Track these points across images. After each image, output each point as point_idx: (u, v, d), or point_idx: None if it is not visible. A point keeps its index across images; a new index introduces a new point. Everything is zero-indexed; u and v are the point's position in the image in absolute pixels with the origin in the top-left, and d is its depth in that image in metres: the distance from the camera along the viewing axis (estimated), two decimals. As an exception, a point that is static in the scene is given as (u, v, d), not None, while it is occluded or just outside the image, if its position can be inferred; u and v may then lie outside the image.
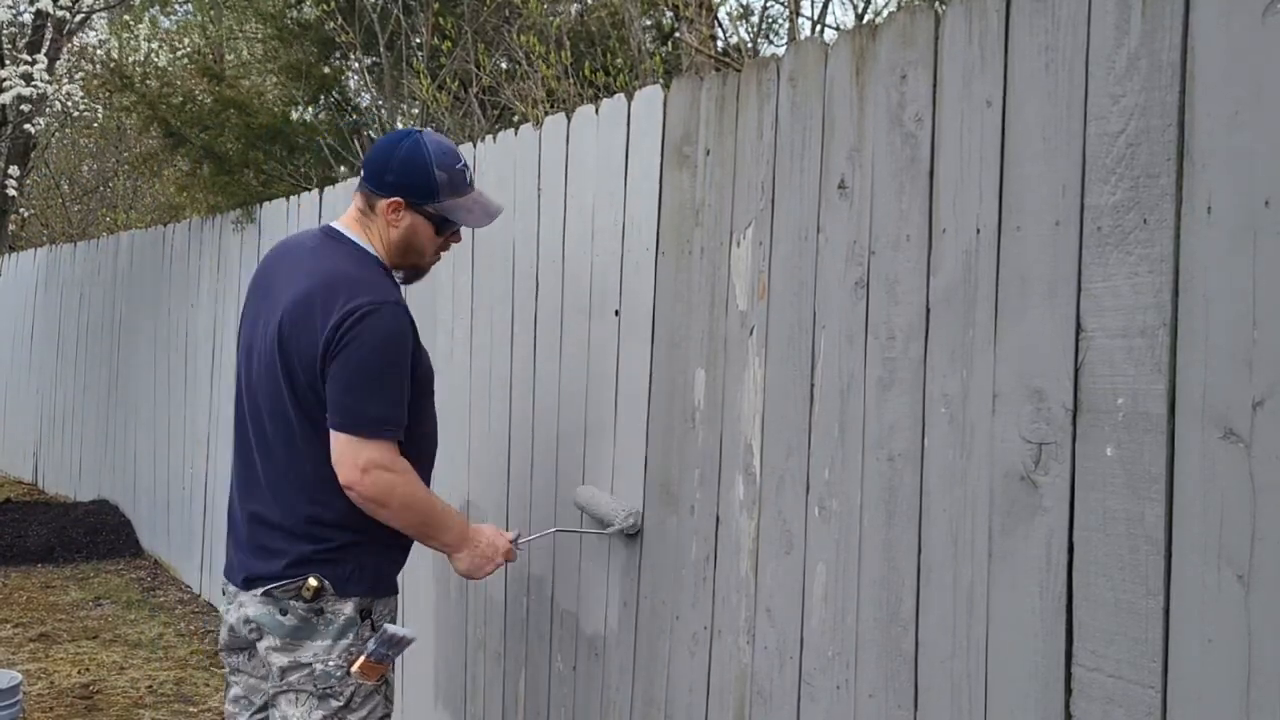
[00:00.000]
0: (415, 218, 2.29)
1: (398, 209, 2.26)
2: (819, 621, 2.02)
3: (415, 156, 2.26)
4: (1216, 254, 1.42)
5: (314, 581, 2.18)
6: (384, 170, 2.27)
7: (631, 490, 2.54)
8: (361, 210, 2.30)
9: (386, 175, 2.26)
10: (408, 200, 2.26)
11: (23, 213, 12.40)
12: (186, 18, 12.38)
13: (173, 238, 6.26)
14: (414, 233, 2.30)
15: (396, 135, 2.31)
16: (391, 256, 2.31)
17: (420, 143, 2.27)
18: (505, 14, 6.26)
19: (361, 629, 2.22)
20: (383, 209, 2.27)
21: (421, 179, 2.26)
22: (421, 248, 2.33)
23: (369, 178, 2.29)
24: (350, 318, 2.10)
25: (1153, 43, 1.50)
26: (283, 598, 2.20)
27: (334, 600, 2.20)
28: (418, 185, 2.26)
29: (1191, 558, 1.44)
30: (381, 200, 2.27)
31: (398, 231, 2.28)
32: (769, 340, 2.16)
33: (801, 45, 2.14)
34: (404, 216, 2.27)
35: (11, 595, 5.62)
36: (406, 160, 2.26)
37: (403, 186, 2.26)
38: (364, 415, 2.13)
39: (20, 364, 8.84)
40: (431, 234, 2.33)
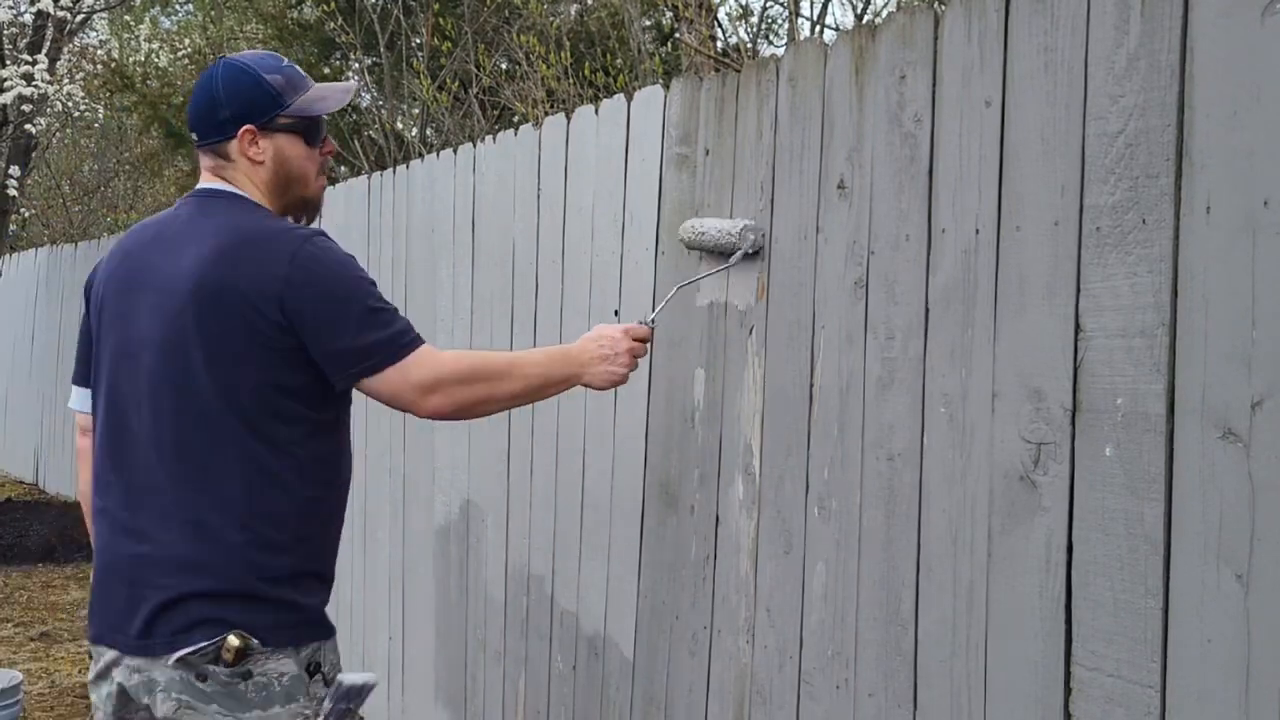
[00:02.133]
0: (276, 139, 1.93)
1: (252, 139, 1.91)
2: (818, 621, 2.02)
3: (237, 76, 1.91)
4: (1216, 254, 1.42)
5: (235, 640, 1.73)
6: (213, 110, 1.90)
7: (632, 490, 2.54)
8: (214, 167, 1.93)
9: (220, 112, 1.90)
10: (258, 124, 1.91)
11: (23, 213, 12.41)
12: (187, 18, 12.39)
13: (173, 238, 6.25)
14: (284, 158, 1.94)
15: (203, 75, 1.96)
16: (272, 199, 1.95)
17: (231, 63, 1.93)
18: (505, 14, 6.27)
19: (312, 685, 1.81)
20: (237, 149, 1.91)
21: (257, 92, 1.91)
22: (301, 171, 1.97)
23: (204, 131, 1.93)
24: (293, 264, 1.79)
25: (1152, 43, 1.50)
26: (198, 663, 1.75)
27: (265, 658, 1.76)
28: (257, 100, 1.91)
29: (1191, 558, 1.44)
30: (230, 142, 1.91)
31: (265, 166, 1.92)
32: (769, 340, 2.16)
33: (801, 45, 2.14)
34: (264, 145, 1.92)
35: (12, 595, 5.62)
36: (230, 85, 1.90)
37: (243, 112, 1.90)
38: (385, 341, 1.82)
39: (21, 364, 8.85)
40: (303, 149, 1.97)
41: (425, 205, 3.54)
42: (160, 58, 10.84)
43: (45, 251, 8.79)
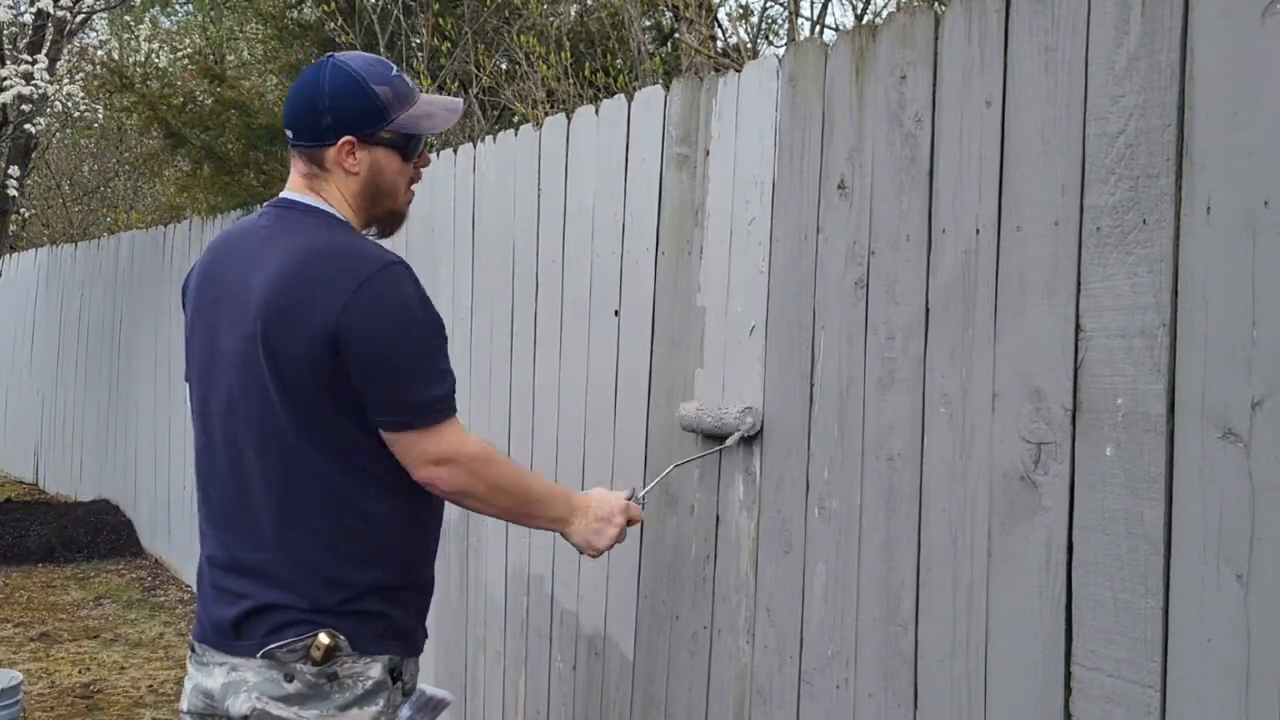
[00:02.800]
0: (374, 152, 1.88)
1: (351, 149, 1.85)
2: (818, 621, 2.02)
3: (345, 83, 1.84)
4: (1216, 254, 1.42)
5: (325, 639, 1.75)
6: (315, 114, 1.84)
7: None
8: (307, 174, 1.89)
9: (323, 118, 1.84)
10: (359, 135, 1.86)
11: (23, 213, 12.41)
12: (187, 18, 12.39)
13: (173, 238, 6.26)
14: (378, 171, 1.89)
15: (309, 72, 1.88)
16: (359, 212, 1.91)
17: (341, 65, 1.86)
18: (505, 15, 6.27)
19: (393, 693, 1.82)
20: (334, 158, 1.86)
21: (364, 102, 1.85)
22: (393, 186, 1.93)
23: (302, 133, 1.87)
24: (357, 295, 1.72)
25: (1152, 43, 1.50)
26: (288, 660, 1.76)
27: (352, 660, 1.78)
28: (363, 111, 1.85)
29: (1190, 557, 1.44)
30: (328, 149, 1.85)
31: (359, 178, 1.88)
32: (769, 340, 2.16)
33: (801, 46, 2.14)
34: (361, 156, 1.87)
35: (12, 595, 5.62)
36: (336, 91, 1.84)
37: (347, 121, 1.84)
38: (416, 404, 1.77)
39: (21, 364, 8.85)
40: (399, 164, 1.92)
41: (425, 205, 3.54)
42: (160, 58, 10.84)
43: (45, 251, 8.80)
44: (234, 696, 1.77)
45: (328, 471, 1.78)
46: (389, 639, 1.82)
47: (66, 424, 7.81)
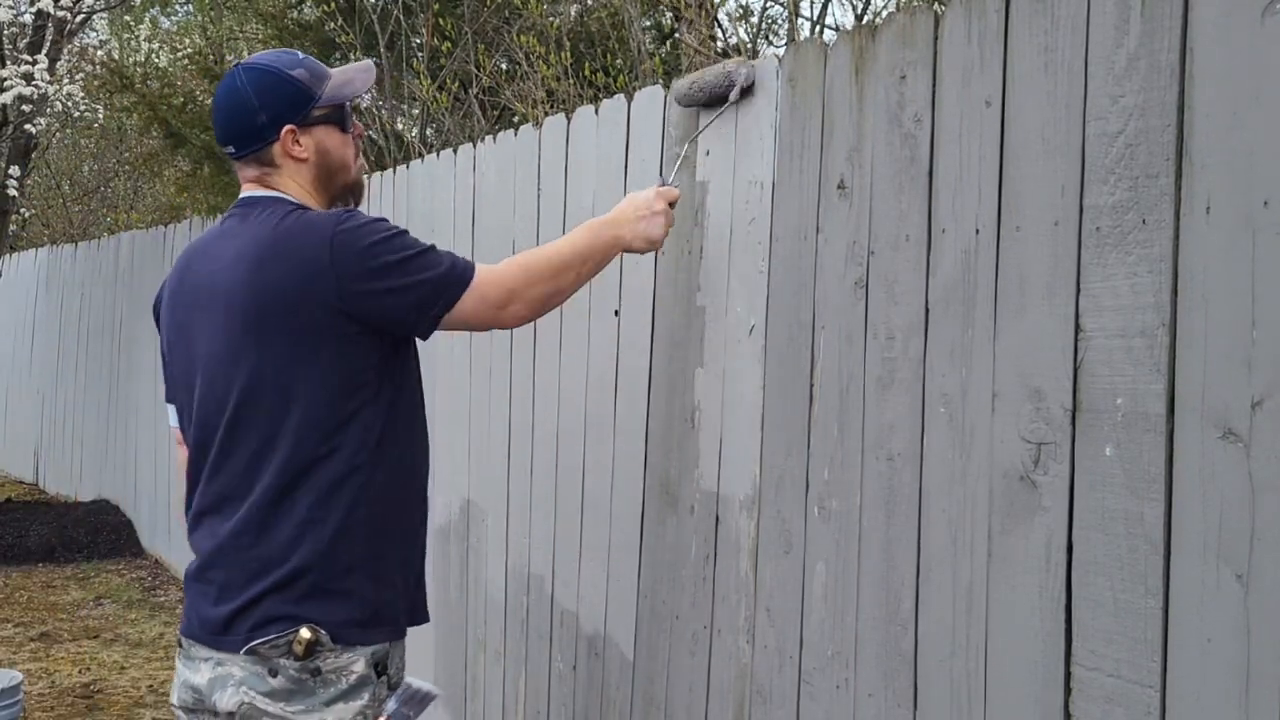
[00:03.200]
0: (315, 133, 1.95)
1: (294, 137, 1.93)
2: (818, 621, 2.02)
3: (263, 78, 1.92)
4: (1215, 254, 1.42)
5: (306, 633, 1.75)
6: (249, 117, 1.91)
7: (632, 490, 2.54)
8: (258, 176, 1.95)
9: (257, 118, 1.91)
10: (296, 121, 1.93)
11: (24, 213, 12.41)
12: (187, 18, 12.39)
13: (173, 238, 6.26)
14: (325, 149, 1.97)
15: (224, 86, 1.95)
16: (319, 194, 1.98)
17: (253, 67, 1.94)
18: (505, 15, 6.27)
19: (378, 687, 1.82)
20: (280, 152, 1.93)
21: (289, 90, 1.92)
22: (342, 159, 2.00)
23: (242, 140, 1.93)
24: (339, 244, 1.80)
25: (1152, 43, 1.50)
26: (271, 655, 1.76)
27: (334, 655, 1.78)
28: (291, 98, 1.93)
29: (1190, 557, 1.44)
30: (272, 146, 1.93)
31: (309, 162, 1.96)
32: (769, 340, 2.16)
33: (801, 46, 2.14)
34: (305, 141, 1.94)
35: (12, 595, 5.62)
36: (260, 89, 1.91)
37: (281, 113, 1.92)
38: (448, 275, 1.86)
39: (21, 364, 8.85)
40: (339, 136, 1.99)
41: (425, 205, 3.54)
42: (160, 58, 10.84)
43: (45, 251, 8.80)
44: (221, 691, 1.79)
45: (306, 447, 1.80)
46: (372, 626, 1.82)
47: (66, 424, 7.81)
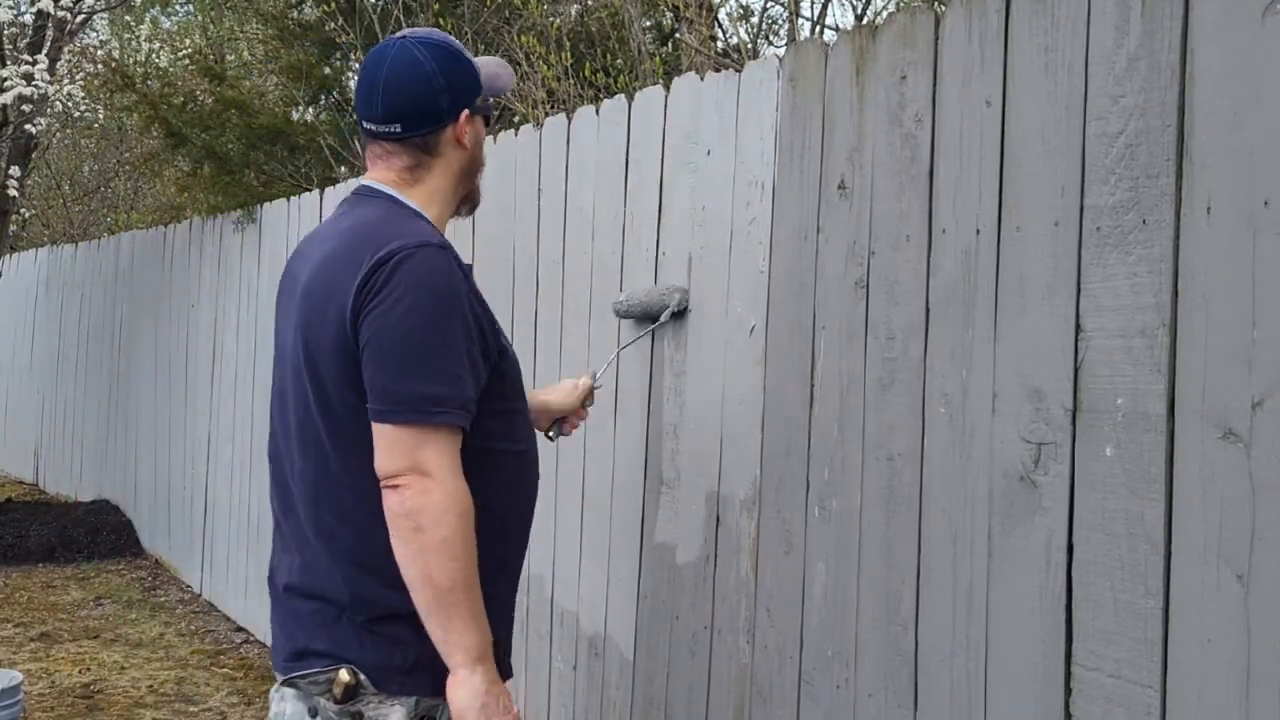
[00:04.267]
0: (475, 121, 1.76)
1: (466, 121, 1.73)
2: (819, 621, 2.02)
3: (447, 56, 1.71)
4: (1216, 254, 1.42)
5: (345, 676, 1.58)
6: (433, 95, 1.69)
7: (632, 491, 2.54)
8: (411, 166, 1.72)
9: (440, 99, 1.69)
10: (471, 107, 1.73)
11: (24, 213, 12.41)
12: (187, 18, 12.40)
13: (173, 238, 6.27)
14: (478, 141, 1.78)
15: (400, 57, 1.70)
16: (457, 189, 1.77)
17: (431, 41, 1.72)
18: (505, 15, 6.27)
19: None
20: (451, 136, 1.72)
21: (468, 71, 1.73)
22: (483, 155, 1.82)
23: (415, 119, 1.69)
24: (379, 271, 1.55)
25: (1152, 43, 1.50)
26: (311, 691, 1.62)
27: (378, 701, 1.59)
28: (470, 80, 1.73)
29: (1191, 557, 1.44)
30: (445, 130, 1.71)
31: (468, 152, 1.75)
32: (769, 340, 2.16)
33: (801, 46, 2.14)
34: (471, 127, 1.74)
35: (13, 595, 5.62)
36: (444, 66, 1.70)
37: (460, 95, 1.71)
38: (405, 394, 1.53)
39: (21, 364, 8.85)
40: (483, 131, 1.80)
41: (425, 205, 3.54)
42: (160, 58, 10.84)
43: (45, 252, 8.80)
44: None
45: (357, 477, 1.59)
46: (417, 674, 1.60)
47: (66, 424, 7.81)
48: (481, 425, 1.62)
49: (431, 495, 1.52)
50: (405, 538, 1.52)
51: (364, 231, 1.63)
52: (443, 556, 1.51)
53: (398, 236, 1.60)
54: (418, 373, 1.54)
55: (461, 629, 1.54)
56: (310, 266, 1.67)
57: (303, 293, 1.65)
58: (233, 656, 4.65)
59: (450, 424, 1.54)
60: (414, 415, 1.53)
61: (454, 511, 1.52)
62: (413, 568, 1.53)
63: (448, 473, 1.53)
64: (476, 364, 1.60)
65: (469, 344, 1.59)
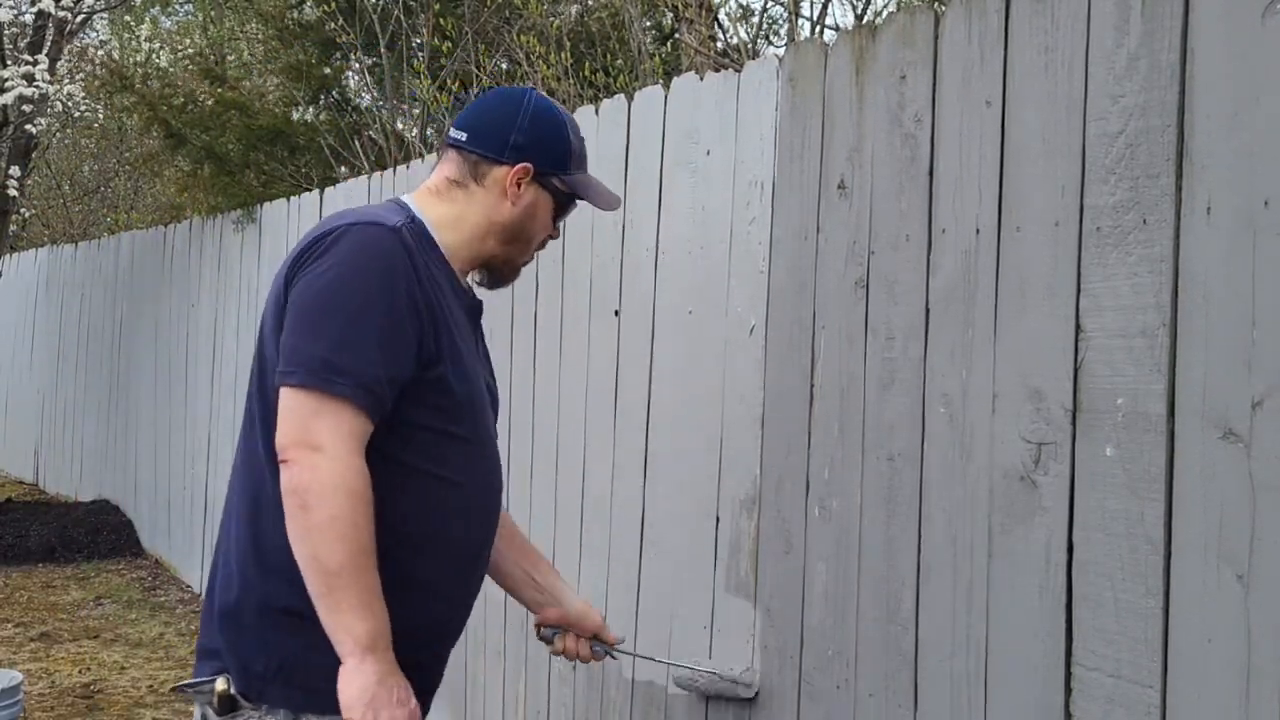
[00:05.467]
0: (540, 193, 1.74)
1: (523, 178, 1.71)
2: (819, 621, 2.02)
3: (550, 115, 1.75)
4: (1216, 254, 1.42)
5: (220, 684, 1.50)
6: (508, 128, 1.71)
7: (632, 490, 2.54)
8: (454, 180, 1.72)
9: (513, 136, 1.70)
10: (539, 168, 1.72)
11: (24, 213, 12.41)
12: (187, 18, 12.39)
13: (173, 238, 6.27)
14: (533, 213, 1.74)
15: (510, 91, 1.79)
16: (485, 240, 1.73)
17: (548, 103, 1.77)
18: (505, 15, 6.27)
19: None
20: (502, 178, 1.70)
21: (559, 144, 1.74)
22: (532, 234, 1.77)
23: (482, 139, 1.71)
24: (319, 243, 1.55)
25: (1152, 43, 1.50)
26: (201, 702, 1.57)
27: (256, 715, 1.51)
28: (553, 151, 1.74)
29: (1191, 557, 1.44)
30: (502, 167, 1.70)
31: (516, 209, 1.72)
32: (769, 340, 2.16)
33: (801, 46, 2.14)
34: (526, 191, 1.72)
35: (13, 595, 5.62)
36: (540, 118, 1.73)
37: (535, 152, 1.71)
38: (309, 356, 1.47)
39: (21, 364, 8.85)
40: (550, 214, 1.78)
41: (425, 205, 3.53)
42: (160, 58, 10.83)
43: (45, 252, 8.80)
44: None
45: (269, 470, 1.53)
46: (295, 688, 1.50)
47: (66, 424, 7.80)
48: (407, 437, 1.56)
49: (319, 471, 1.43)
50: (293, 514, 1.45)
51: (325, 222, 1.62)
52: (329, 536, 1.43)
53: (352, 216, 1.59)
54: (325, 337, 1.49)
55: (350, 614, 1.44)
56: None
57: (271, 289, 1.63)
58: (233, 656, 4.65)
59: (349, 399, 1.46)
60: (311, 378, 1.46)
61: (344, 489, 1.43)
62: (301, 548, 1.45)
63: (340, 448, 1.45)
64: (398, 353, 1.52)
65: (393, 328, 1.52)
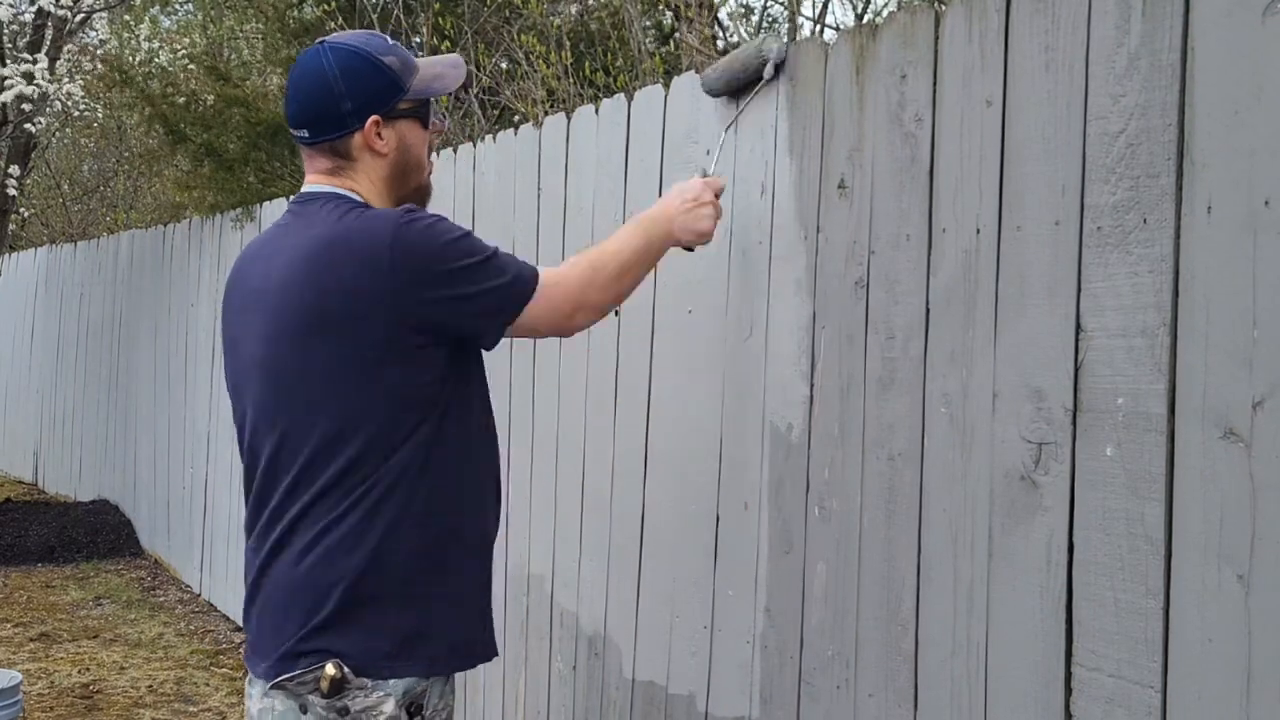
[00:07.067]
0: (398, 127, 1.79)
1: (378, 129, 1.76)
2: (819, 621, 2.02)
3: (353, 62, 1.74)
4: (1216, 254, 1.42)
5: (330, 670, 1.60)
6: (333, 102, 1.74)
7: (632, 490, 2.54)
8: (330, 168, 1.78)
9: (341, 105, 1.74)
10: (383, 112, 1.76)
11: (23, 213, 12.41)
12: (187, 17, 12.39)
13: (173, 237, 6.26)
14: (405, 146, 1.81)
15: (306, 64, 1.77)
16: (390, 193, 1.82)
17: (341, 48, 1.76)
18: (505, 14, 6.27)
19: None
20: (360, 143, 1.76)
21: (379, 76, 1.76)
22: (419, 158, 1.85)
23: (320, 127, 1.76)
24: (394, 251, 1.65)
25: (1153, 42, 1.50)
26: (300, 691, 1.64)
27: (364, 693, 1.62)
28: (380, 87, 1.76)
29: (1191, 557, 1.44)
30: (353, 135, 1.76)
31: (388, 159, 1.79)
32: (769, 340, 2.16)
33: (801, 45, 2.14)
34: (387, 134, 1.78)
35: (12, 595, 5.62)
36: (349, 73, 1.74)
37: (368, 102, 1.75)
38: (516, 282, 1.74)
39: (21, 364, 8.85)
40: (420, 133, 1.84)
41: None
42: (160, 57, 10.83)
43: (45, 251, 8.79)
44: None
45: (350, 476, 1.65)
46: (399, 659, 1.64)
47: (66, 424, 7.80)
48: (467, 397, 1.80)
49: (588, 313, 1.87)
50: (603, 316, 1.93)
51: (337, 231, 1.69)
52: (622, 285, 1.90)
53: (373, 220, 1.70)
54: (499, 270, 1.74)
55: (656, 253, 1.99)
56: (283, 270, 1.70)
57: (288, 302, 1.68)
58: (232, 656, 4.65)
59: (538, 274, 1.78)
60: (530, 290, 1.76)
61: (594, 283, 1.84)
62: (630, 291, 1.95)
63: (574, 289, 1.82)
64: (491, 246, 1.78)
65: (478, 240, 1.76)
